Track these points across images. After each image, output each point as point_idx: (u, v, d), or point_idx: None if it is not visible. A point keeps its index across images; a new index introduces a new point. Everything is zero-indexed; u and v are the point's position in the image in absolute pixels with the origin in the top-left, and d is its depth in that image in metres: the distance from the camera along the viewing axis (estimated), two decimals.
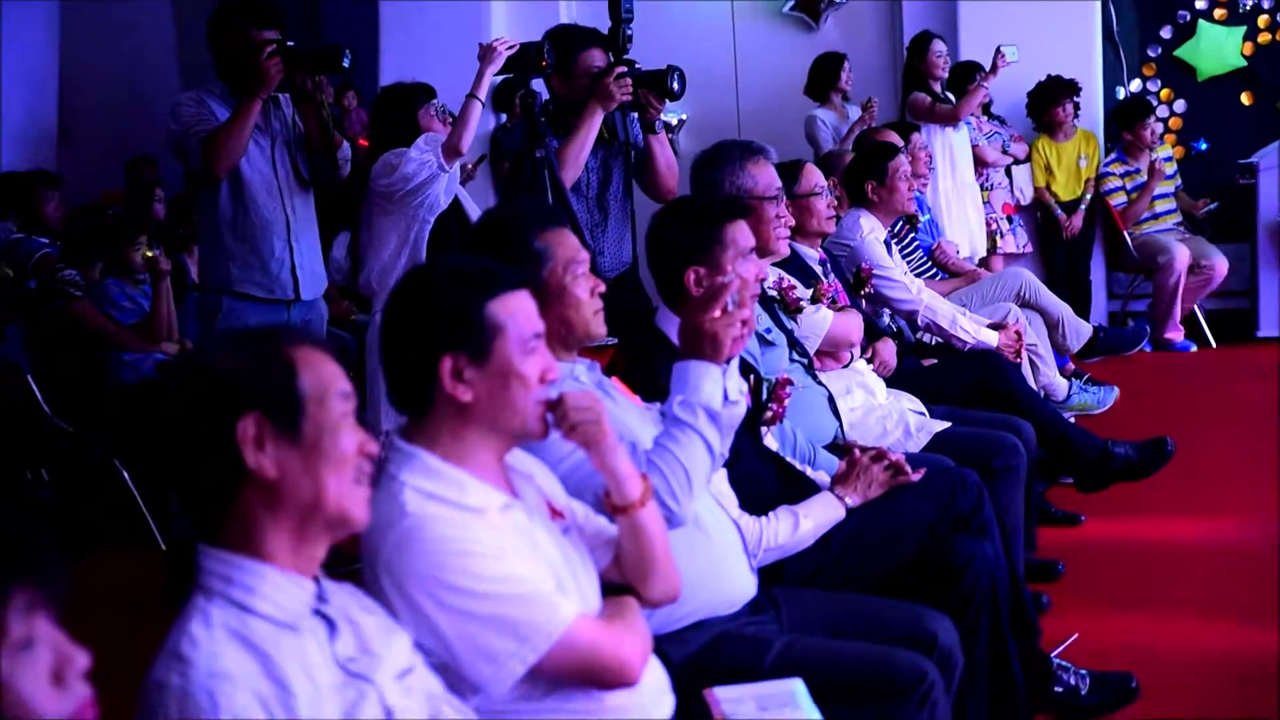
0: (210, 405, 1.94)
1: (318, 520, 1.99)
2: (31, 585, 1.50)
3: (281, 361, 1.99)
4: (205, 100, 5.26)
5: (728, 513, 3.25)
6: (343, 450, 2.00)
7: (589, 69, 5.16)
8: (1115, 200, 9.39)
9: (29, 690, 1.49)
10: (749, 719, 2.65)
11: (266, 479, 1.94)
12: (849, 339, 4.92)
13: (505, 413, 2.42)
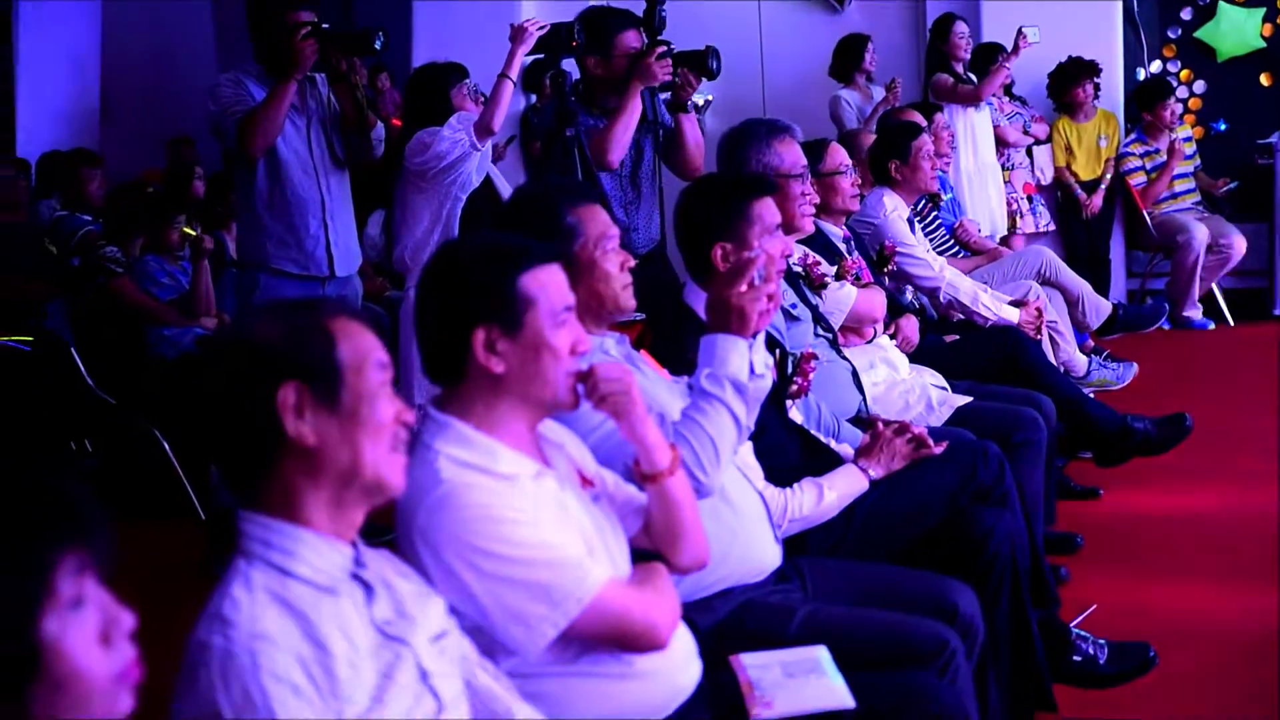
0: (251, 374, 1.95)
1: (355, 486, 2.00)
2: (80, 547, 1.51)
3: (321, 332, 1.98)
4: (243, 81, 5.27)
5: (753, 484, 3.25)
6: (380, 418, 2.00)
7: (627, 49, 5.15)
8: (1135, 180, 9.35)
9: (77, 649, 1.50)
10: (774, 684, 2.66)
11: (306, 446, 1.94)
12: (872, 315, 4.92)
13: (536, 383, 2.42)
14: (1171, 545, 5.27)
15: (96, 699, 1.52)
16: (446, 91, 5.77)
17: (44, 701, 1.48)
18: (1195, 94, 10.04)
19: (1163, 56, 10.04)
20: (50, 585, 1.47)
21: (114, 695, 1.53)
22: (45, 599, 1.47)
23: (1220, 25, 9.90)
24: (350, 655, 1.93)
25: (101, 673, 1.51)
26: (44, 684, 1.48)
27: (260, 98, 5.18)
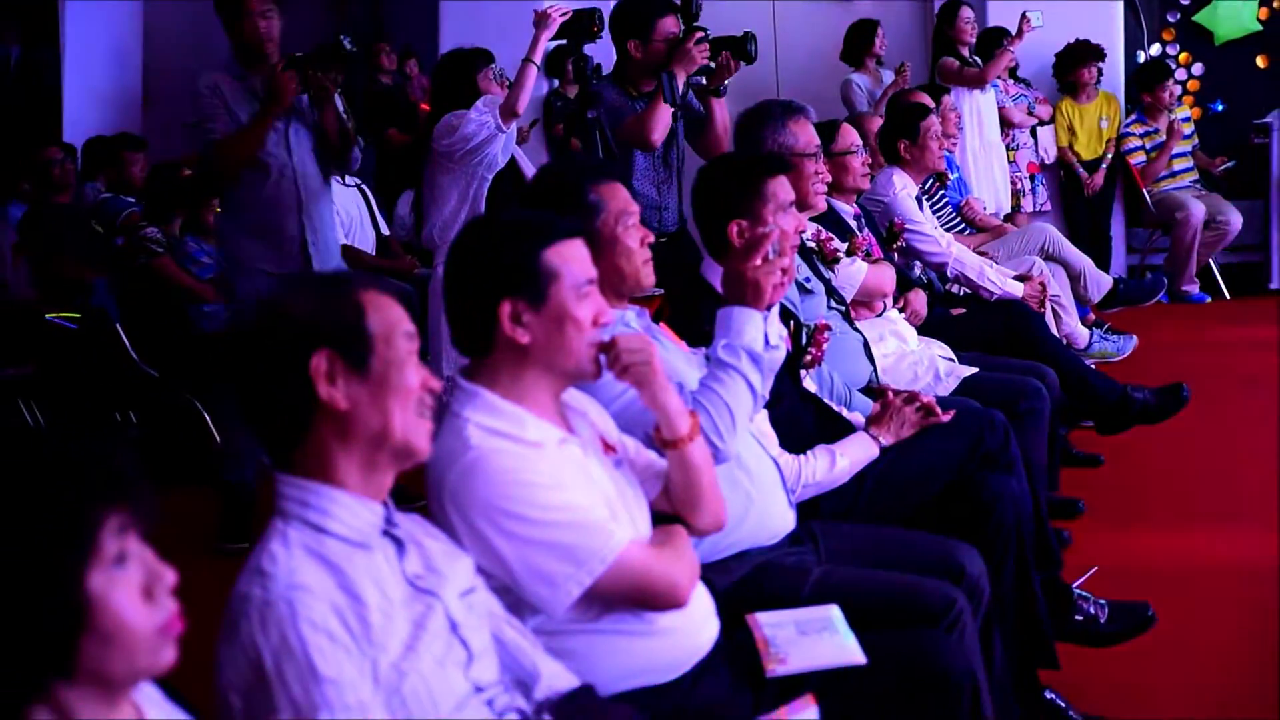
0: (285, 343, 1.97)
1: (385, 450, 2.02)
2: (123, 507, 1.52)
3: (351, 303, 2.01)
4: (220, 89, 5.11)
5: (768, 451, 3.24)
6: (408, 384, 2.02)
7: (666, 34, 5.13)
8: (1135, 159, 9.32)
9: (122, 603, 1.51)
10: (788, 641, 2.66)
11: (338, 410, 1.96)
12: (882, 289, 4.90)
13: (560, 354, 2.42)
14: (1170, 510, 5.27)
15: (141, 651, 1.53)
16: (473, 76, 5.75)
17: (93, 654, 1.50)
18: (1194, 76, 9.98)
19: (1162, 40, 9.99)
20: (95, 542, 1.49)
21: (157, 648, 1.54)
22: (91, 555, 1.48)
23: (1218, 9, 9.86)
24: (383, 605, 1.94)
25: (145, 626, 1.53)
26: (92, 637, 1.49)
27: (236, 105, 5.05)
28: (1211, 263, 9.31)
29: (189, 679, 1.72)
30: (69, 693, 1.52)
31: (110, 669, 1.52)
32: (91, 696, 1.53)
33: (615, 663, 2.45)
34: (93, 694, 1.53)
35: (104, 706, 1.55)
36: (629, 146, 5.11)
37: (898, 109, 6.33)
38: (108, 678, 1.53)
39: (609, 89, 5.20)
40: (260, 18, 4.99)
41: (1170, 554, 4.80)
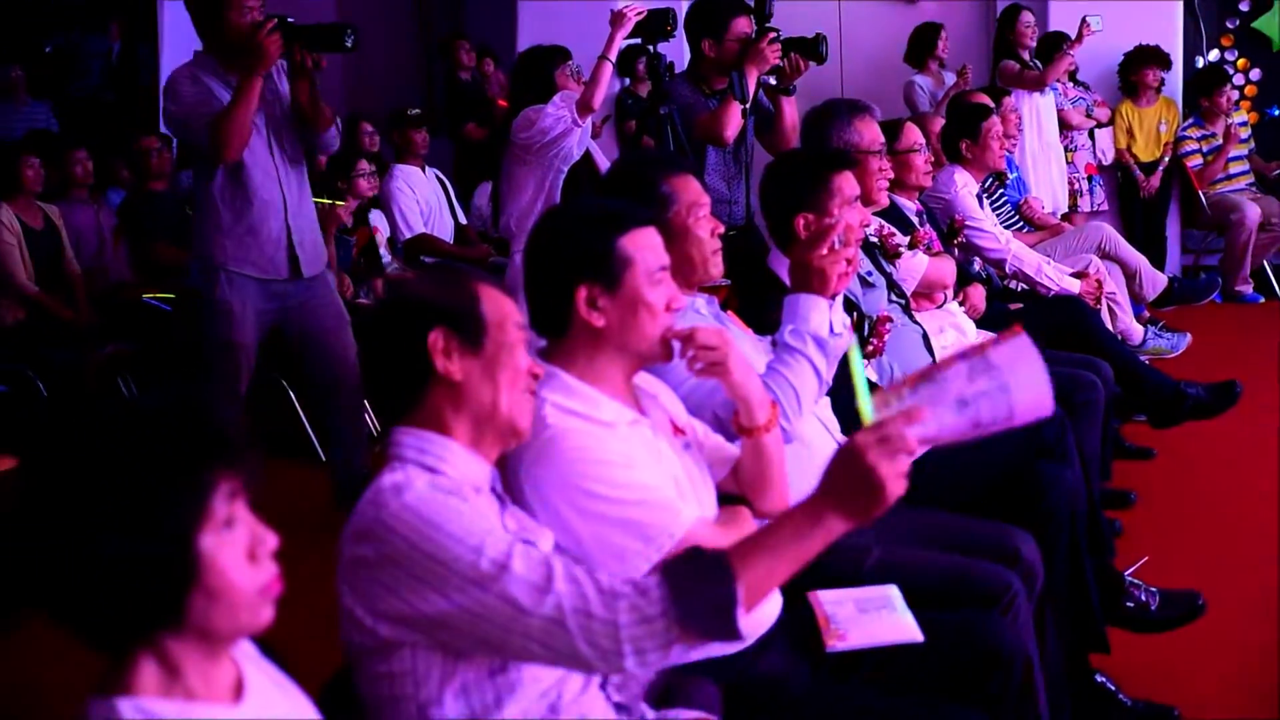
0: (407, 322, 2.07)
1: (491, 424, 2.10)
2: (234, 474, 1.55)
3: (467, 289, 2.11)
4: (200, 77, 4.83)
5: (833, 436, 3.25)
6: (517, 365, 2.12)
7: (740, 35, 5.12)
8: (1191, 162, 9.22)
9: (229, 563, 1.55)
10: (848, 619, 2.67)
11: (453, 380, 2.06)
12: (942, 283, 4.89)
13: (634, 337, 2.44)
14: (1220, 503, 5.22)
15: (243, 609, 1.57)
16: (551, 72, 5.77)
17: (199, 609, 1.54)
18: (1251, 81, 9.85)
19: (1221, 45, 9.86)
20: (207, 506, 1.52)
21: (258, 606, 1.58)
22: (203, 518, 1.52)
23: (1277, 16, 9.72)
24: None
25: (248, 585, 1.56)
26: (200, 593, 1.53)
27: (220, 93, 4.76)
28: (1266, 264, 9.20)
29: (283, 638, 1.75)
30: (175, 643, 1.56)
31: (214, 624, 1.56)
32: (195, 648, 1.57)
33: None
34: (196, 646, 1.57)
35: (205, 658, 1.59)
36: (702, 142, 5.10)
37: (960, 109, 6.29)
38: (211, 632, 1.57)
39: (683, 86, 5.20)
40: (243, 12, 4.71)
41: (1220, 546, 4.76)
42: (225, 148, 4.71)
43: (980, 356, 1.92)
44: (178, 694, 1.56)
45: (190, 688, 1.58)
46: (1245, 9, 9.78)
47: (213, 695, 1.60)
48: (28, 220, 6.81)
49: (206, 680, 1.60)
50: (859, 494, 1.87)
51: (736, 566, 1.87)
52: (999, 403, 1.92)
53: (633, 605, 1.84)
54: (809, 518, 1.92)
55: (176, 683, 1.57)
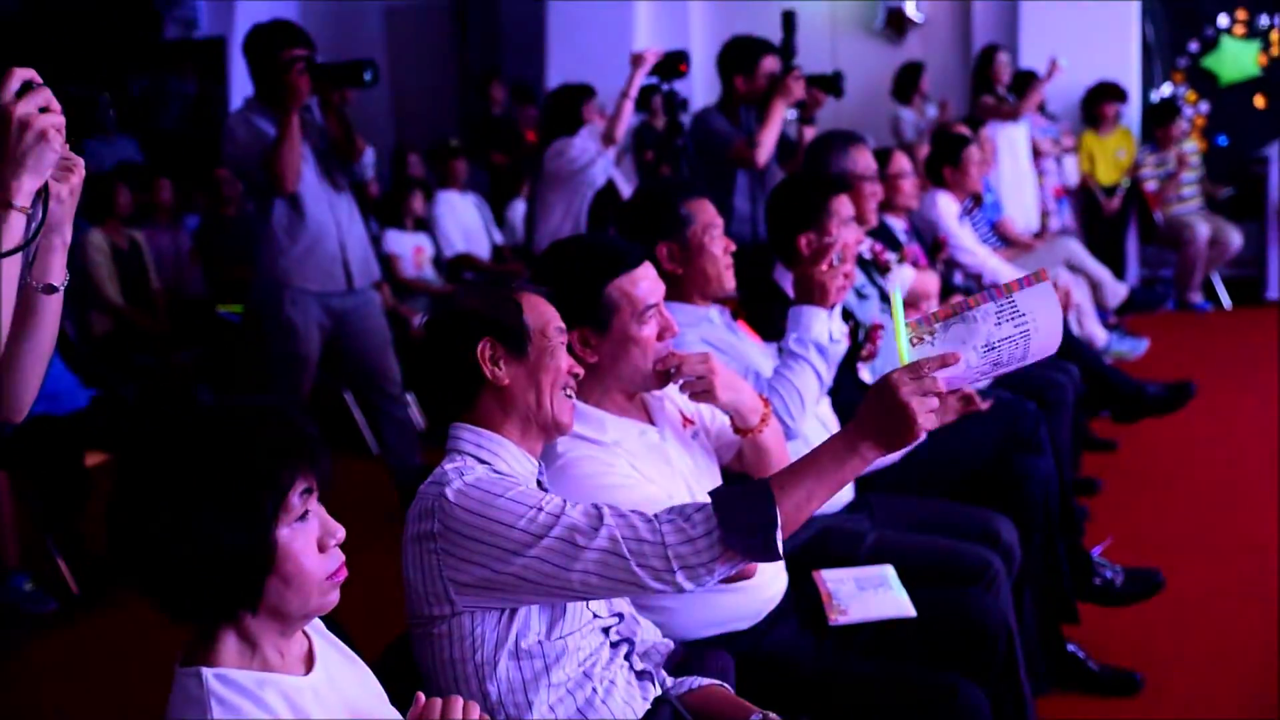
0: (458, 332, 2.07)
1: (536, 422, 2.09)
2: (309, 473, 1.56)
3: (512, 302, 2.10)
4: (252, 120, 4.80)
5: (830, 431, 3.23)
6: (558, 366, 2.10)
7: (769, 72, 5.12)
8: (1148, 185, 9.18)
9: (303, 553, 1.56)
10: (849, 595, 2.66)
11: (501, 385, 2.05)
12: (928, 293, 4.87)
13: (627, 370, 2.42)
14: (1177, 489, 5.21)
15: (313, 593, 1.57)
16: (579, 108, 5.78)
17: (275, 592, 1.55)
18: (1200, 113, 9.82)
19: (1173, 81, 9.83)
20: (286, 502, 1.53)
21: (326, 591, 1.59)
22: (282, 513, 1.53)
23: (1222, 55, 9.69)
24: None
25: (319, 573, 1.57)
26: (276, 578, 1.54)
27: (270, 131, 4.71)
28: (1214, 276, 9.17)
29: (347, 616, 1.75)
30: (253, 621, 1.57)
31: (288, 606, 1.56)
32: (270, 627, 1.58)
33: (701, 614, 2.46)
34: (271, 625, 1.58)
35: (280, 634, 1.60)
36: (733, 166, 5.07)
37: (942, 139, 6.28)
38: (285, 613, 1.57)
39: (717, 118, 5.19)
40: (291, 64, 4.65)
41: (1177, 526, 4.76)
42: (280, 180, 4.69)
43: (1008, 300, 1.87)
44: (255, 665, 1.57)
45: (266, 659, 1.58)
46: (1194, 49, 9.75)
47: (286, 666, 1.61)
48: (116, 242, 6.83)
49: (281, 653, 1.60)
50: (892, 426, 1.86)
51: (776, 491, 1.85)
52: (1018, 346, 1.89)
53: (678, 528, 1.85)
54: (846, 446, 1.90)
55: (254, 655, 1.57)
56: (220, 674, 1.53)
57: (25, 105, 1.57)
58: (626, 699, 2.04)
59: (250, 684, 1.54)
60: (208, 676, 1.53)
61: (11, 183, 1.56)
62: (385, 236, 7.58)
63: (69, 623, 4.58)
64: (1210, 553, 4.45)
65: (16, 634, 4.45)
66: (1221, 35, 9.67)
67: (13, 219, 1.57)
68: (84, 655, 4.33)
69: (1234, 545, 4.50)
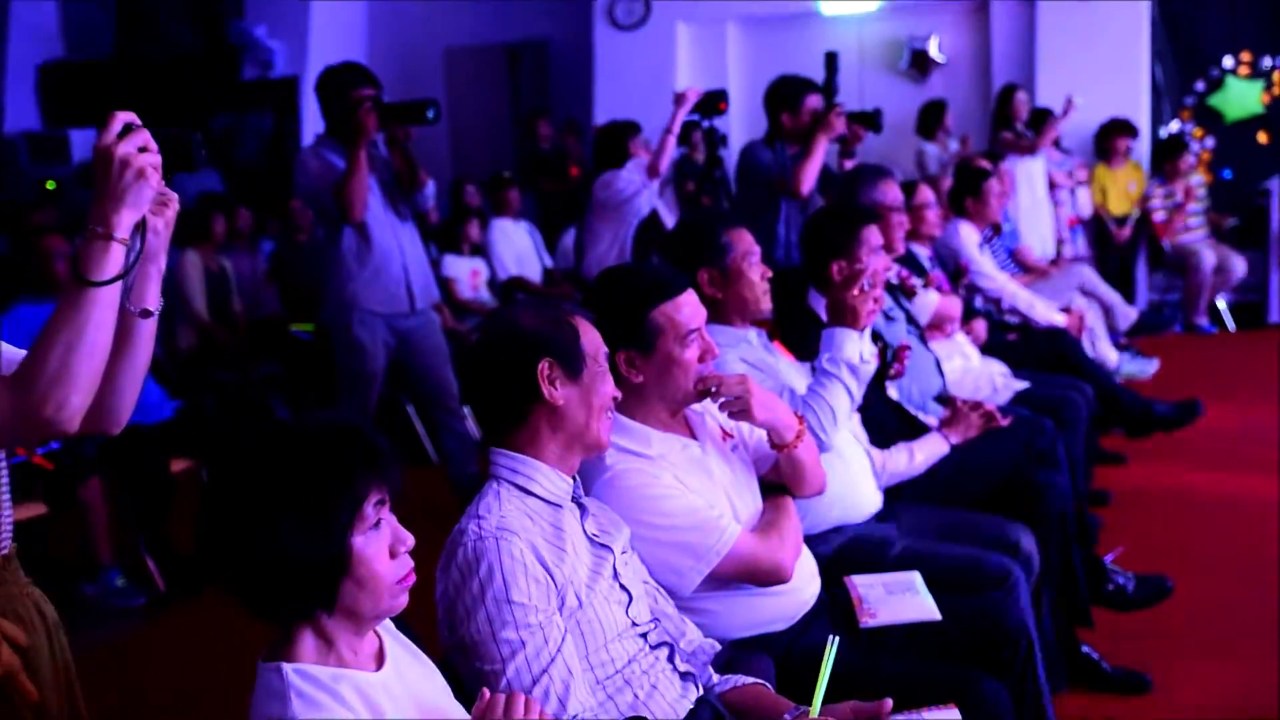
0: (519, 351, 2.04)
1: (580, 441, 2.08)
2: (382, 485, 1.57)
3: (569, 325, 2.08)
4: (323, 154, 4.82)
5: (862, 446, 3.23)
6: (604, 391, 2.10)
7: (812, 109, 5.10)
8: (1157, 215, 9.10)
9: (375, 558, 1.57)
10: (878, 600, 2.64)
11: (555, 405, 2.04)
12: (951, 317, 4.84)
13: (670, 389, 2.42)
14: (1184, 500, 5.15)
15: (384, 596, 1.58)
16: (625, 142, 5.80)
17: (349, 594, 1.55)
18: (1206, 148, 9.72)
19: (1181, 119, 9.74)
20: (361, 511, 1.54)
21: (396, 594, 1.60)
22: (357, 521, 1.54)
23: (1227, 94, 9.59)
24: (574, 545, 2.00)
25: (389, 577, 1.58)
26: (351, 582, 1.55)
27: (339, 165, 4.72)
28: (1219, 300, 9.07)
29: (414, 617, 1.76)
30: (329, 621, 1.57)
31: (360, 607, 1.57)
32: (345, 626, 1.59)
33: (740, 616, 2.45)
34: (346, 624, 1.59)
35: (353, 633, 1.61)
36: (778, 196, 5.06)
37: (964, 172, 6.25)
38: (358, 614, 1.58)
39: (764, 151, 5.16)
40: (360, 101, 4.68)
41: (1184, 536, 4.69)
42: (350, 209, 4.71)
43: None
44: (331, 661, 1.58)
45: (341, 656, 1.59)
46: (1201, 89, 9.66)
47: (360, 663, 1.61)
48: (208, 264, 6.92)
49: (355, 651, 1.61)
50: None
51: None
52: None
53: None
54: None
55: (330, 652, 1.58)
56: (299, 669, 1.54)
57: (126, 146, 1.59)
58: (669, 700, 2.04)
59: (327, 679, 1.55)
60: (288, 671, 1.54)
61: (112, 217, 1.58)
62: (443, 261, 7.62)
63: (155, 617, 4.63)
64: (1215, 560, 4.39)
65: (109, 626, 4.49)
66: (1226, 76, 9.58)
67: (113, 250, 1.59)
68: (169, 647, 4.37)
69: (1237, 554, 4.45)
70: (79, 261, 1.57)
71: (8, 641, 1.80)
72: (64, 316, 1.56)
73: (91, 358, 1.57)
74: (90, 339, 1.56)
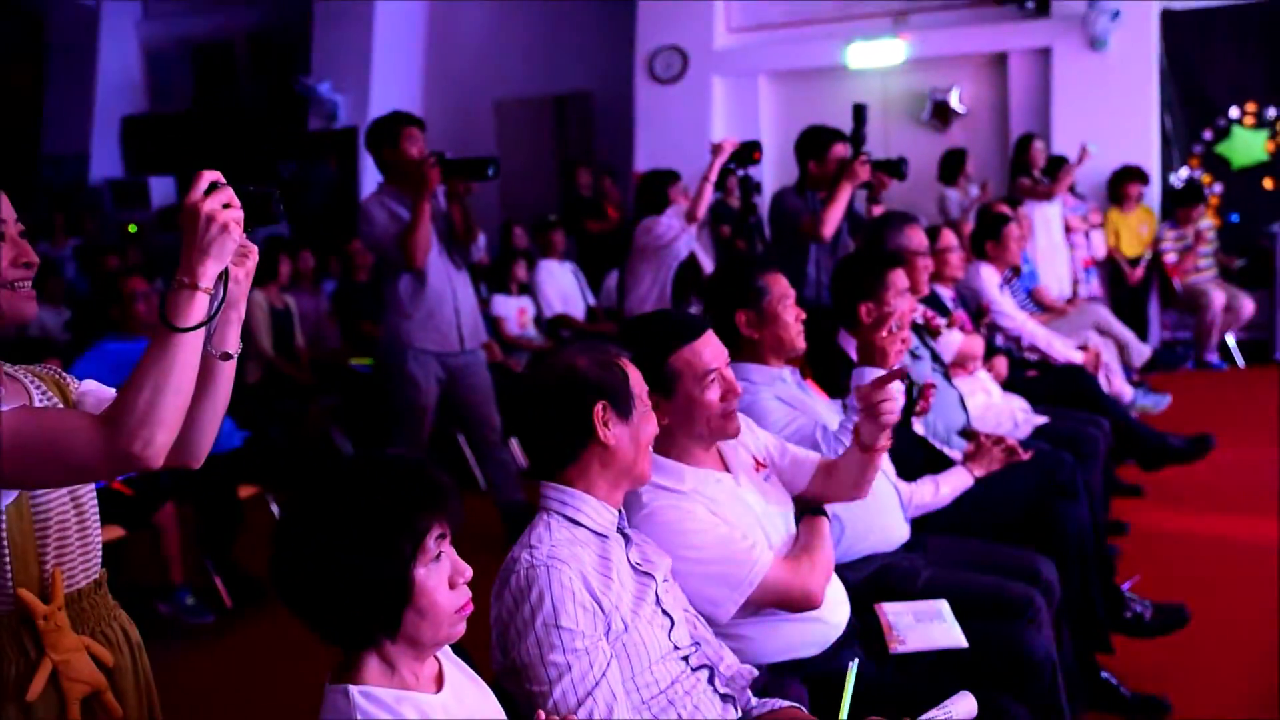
0: (576, 395, 2.04)
1: (628, 476, 2.09)
2: (443, 519, 1.57)
3: (620, 368, 2.09)
4: (386, 203, 4.85)
5: (889, 479, 3.20)
6: (650, 429, 2.11)
7: (838, 157, 5.10)
8: (1168, 257, 9.02)
9: (436, 589, 1.57)
10: (907, 626, 2.62)
11: (608, 445, 2.04)
12: (974, 355, 4.81)
13: (695, 428, 2.41)
14: (1198, 530, 5.07)
15: (444, 625, 1.58)
16: (666, 189, 5.82)
17: (411, 623, 1.55)
18: (1214, 194, 9.64)
19: (1190, 166, 9.66)
20: (424, 545, 1.54)
21: (455, 623, 1.60)
22: (420, 554, 1.54)
23: (1234, 143, 9.52)
24: (619, 574, 2.00)
25: (449, 607, 1.58)
26: (412, 611, 1.55)
27: (401, 213, 4.79)
28: (1229, 338, 8.97)
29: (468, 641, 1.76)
30: (392, 647, 1.58)
31: (422, 635, 1.57)
32: (406, 652, 1.59)
33: (773, 642, 2.44)
34: (407, 650, 1.59)
35: (415, 658, 1.61)
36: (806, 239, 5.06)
37: (985, 217, 6.23)
38: (419, 640, 1.58)
39: (793, 197, 5.15)
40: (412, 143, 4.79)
41: (1198, 564, 4.61)
42: (413, 258, 4.79)
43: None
44: (394, 684, 1.58)
45: (404, 679, 1.59)
46: (1208, 137, 9.59)
47: (420, 686, 1.62)
48: (274, 302, 6.99)
49: (416, 674, 1.61)
50: None
51: None
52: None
53: None
54: None
55: (393, 675, 1.59)
56: (365, 691, 1.55)
57: (212, 202, 1.61)
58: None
59: (390, 700, 1.55)
60: (354, 693, 1.54)
61: (198, 268, 1.61)
62: (493, 300, 7.66)
63: (222, 633, 4.65)
64: (1228, 588, 4.31)
65: (179, 641, 4.52)
66: (1233, 125, 9.51)
67: (198, 299, 1.61)
68: (235, 661, 4.39)
69: (1249, 581, 4.36)
70: (167, 309, 1.59)
71: (96, 662, 1.82)
72: (152, 360, 1.58)
73: (177, 398, 1.59)
74: (176, 381, 1.58)
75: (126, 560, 4.74)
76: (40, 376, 1.88)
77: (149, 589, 4.72)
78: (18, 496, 1.72)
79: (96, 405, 1.84)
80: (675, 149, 9.13)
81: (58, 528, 1.80)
